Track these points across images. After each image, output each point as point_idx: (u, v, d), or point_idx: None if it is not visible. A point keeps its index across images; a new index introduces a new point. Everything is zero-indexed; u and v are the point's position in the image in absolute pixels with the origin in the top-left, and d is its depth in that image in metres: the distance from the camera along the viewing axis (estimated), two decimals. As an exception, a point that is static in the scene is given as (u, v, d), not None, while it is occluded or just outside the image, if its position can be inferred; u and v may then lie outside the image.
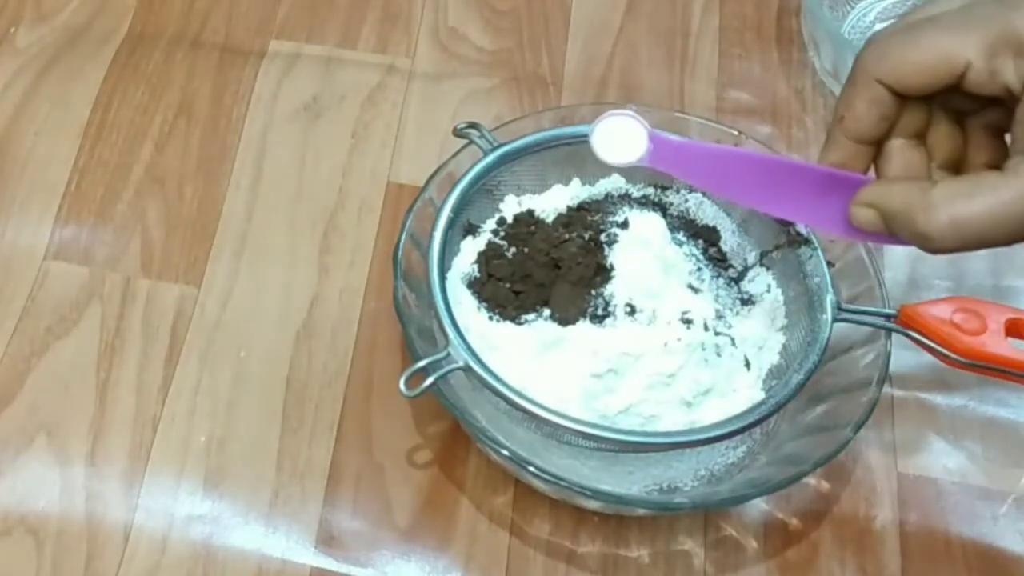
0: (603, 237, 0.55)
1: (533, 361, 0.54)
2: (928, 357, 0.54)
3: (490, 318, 0.55)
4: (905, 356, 0.58)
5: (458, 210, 0.57)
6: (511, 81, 0.71)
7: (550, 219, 0.58)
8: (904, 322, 0.54)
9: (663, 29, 0.73)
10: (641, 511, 0.56)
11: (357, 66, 0.71)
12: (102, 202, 0.65)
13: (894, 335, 0.55)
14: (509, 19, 0.74)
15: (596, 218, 0.57)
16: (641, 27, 0.74)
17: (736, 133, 0.61)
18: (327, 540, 0.55)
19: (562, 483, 0.51)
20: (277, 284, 0.63)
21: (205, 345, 0.61)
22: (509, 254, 0.57)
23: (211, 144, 0.68)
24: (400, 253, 0.57)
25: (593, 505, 0.55)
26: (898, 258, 0.64)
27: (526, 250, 0.56)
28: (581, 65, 0.72)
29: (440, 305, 0.54)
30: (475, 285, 0.56)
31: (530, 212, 0.58)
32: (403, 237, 0.57)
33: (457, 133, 0.60)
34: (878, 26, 0.74)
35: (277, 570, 0.55)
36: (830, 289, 0.56)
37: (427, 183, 0.59)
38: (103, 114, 0.68)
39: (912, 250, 0.65)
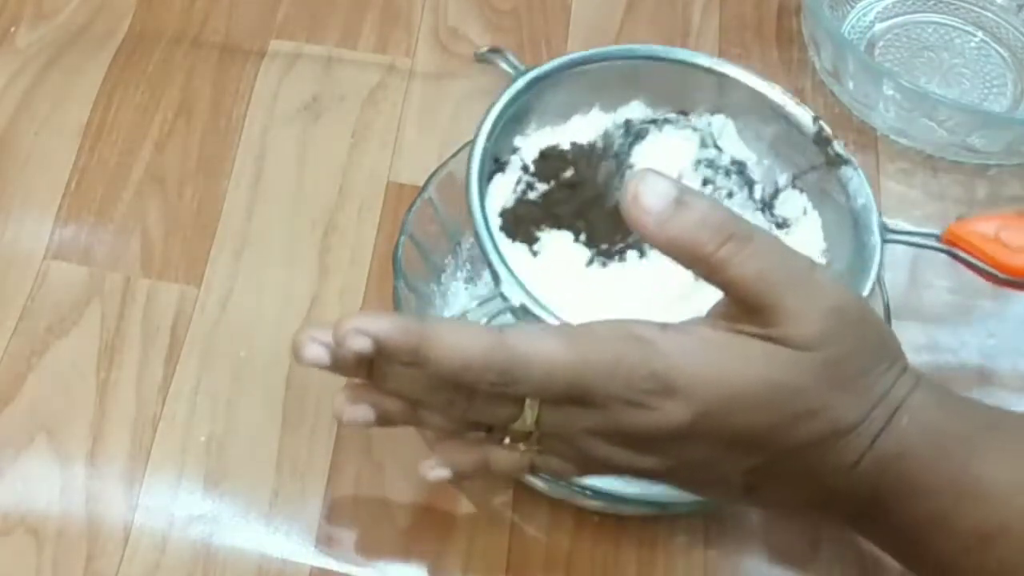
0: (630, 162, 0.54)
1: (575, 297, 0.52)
2: (927, 357, 0.53)
3: (531, 254, 0.53)
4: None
5: (491, 139, 0.54)
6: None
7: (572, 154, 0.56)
8: (950, 240, 0.53)
9: (663, 29, 0.73)
10: (641, 511, 0.56)
11: (357, 66, 0.71)
12: (102, 202, 0.65)
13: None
14: (509, 19, 0.74)
15: (621, 145, 0.55)
16: (641, 27, 0.74)
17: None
18: (327, 540, 0.55)
19: (562, 483, 0.51)
20: (277, 284, 0.63)
21: (205, 345, 0.61)
22: (542, 189, 0.54)
23: (211, 144, 0.68)
24: (400, 253, 0.56)
25: (593, 505, 0.55)
26: (898, 258, 0.64)
27: (563, 182, 0.54)
28: (581, 65, 0.72)
29: (487, 244, 0.50)
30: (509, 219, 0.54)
31: (555, 147, 0.56)
32: (403, 237, 0.57)
33: (479, 57, 0.57)
34: (878, 25, 0.75)
35: (277, 570, 0.55)
36: (876, 209, 0.53)
37: (427, 183, 0.59)
38: (103, 114, 0.68)
39: (913, 250, 0.65)
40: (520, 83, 0.55)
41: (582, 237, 0.53)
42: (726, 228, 0.41)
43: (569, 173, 0.54)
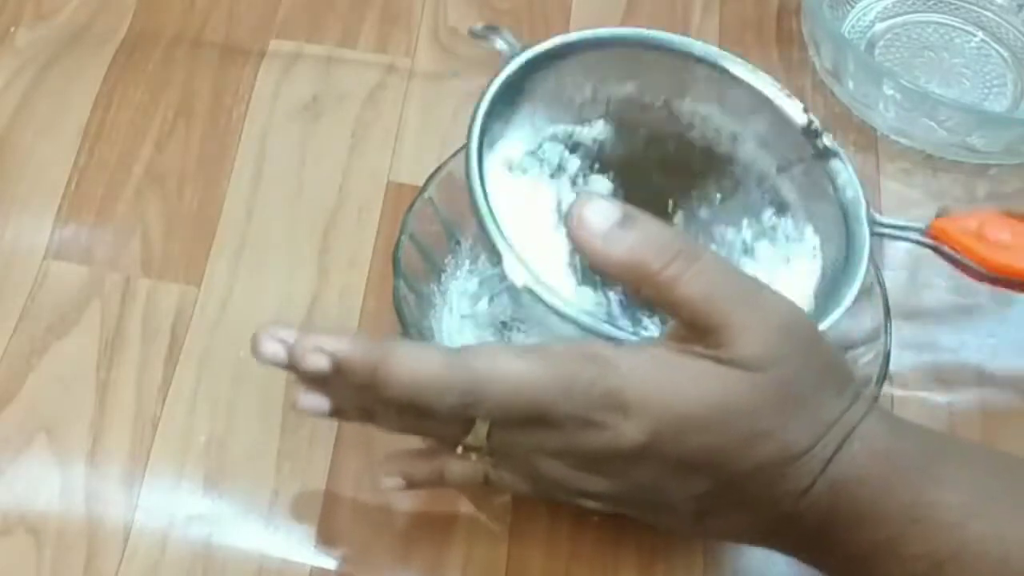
0: None
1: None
2: (927, 357, 0.53)
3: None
4: (905, 355, 0.58)
5: (489, 115, 0.53)
6: (511, 81, 0.71)
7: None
8: (935, 235, 0.53)
9: (663, 29, 0.73)
10: (641, 511, 0.56)
11: (357, 66, 0.71)
12: (102, 202, 0.65)
13: (893, 333, 0.55)
14: (509, 19, 0.74)
15: None
16: (641, 27, 0.73)
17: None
18: (327, 540, 0.55)
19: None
20: (277, 284, 0.63)
21: (205, 345, 0.61)
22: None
23: (211, 144, 0.68)
24: (400, 253, 0.56)
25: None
26: (899, 258, 0.64)
27: None
28: (581, 65, 0.72)
29: (485, 213, 0.48)
30: None
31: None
32: (403, 237, 0.57)
33: (473, 34, 0.56)
34: (878, 25, 0.75)
35: (277, 570, 0.55)
36: (865, 201, 0.53)
37: (427, 183, 0.59)
38: (103, 114, 0.68)
39: (913, 250, 0.65)
40: (516, 63, 0.54)
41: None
42: (673, 246, 0.41)
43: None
